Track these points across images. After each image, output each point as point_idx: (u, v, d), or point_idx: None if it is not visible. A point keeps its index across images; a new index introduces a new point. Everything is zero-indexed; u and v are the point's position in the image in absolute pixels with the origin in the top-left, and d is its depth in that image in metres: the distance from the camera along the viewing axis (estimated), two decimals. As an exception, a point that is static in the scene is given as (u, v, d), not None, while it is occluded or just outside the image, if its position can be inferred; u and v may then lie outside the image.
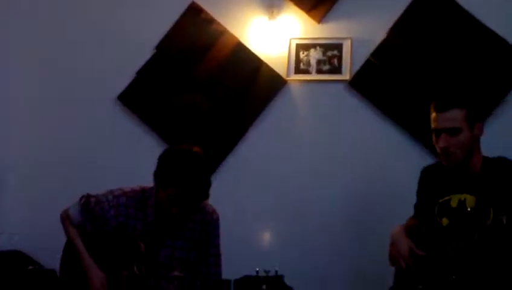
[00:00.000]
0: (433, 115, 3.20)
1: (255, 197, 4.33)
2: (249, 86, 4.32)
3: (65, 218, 3.43)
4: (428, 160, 4.10)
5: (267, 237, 4.31)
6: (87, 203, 3.37)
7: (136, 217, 3.34)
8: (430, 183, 3.35)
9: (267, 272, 3.07)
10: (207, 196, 3.27)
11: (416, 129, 4.11)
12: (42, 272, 3.59)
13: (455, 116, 3.12)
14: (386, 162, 4.22)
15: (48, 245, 3.52)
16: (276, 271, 3.07)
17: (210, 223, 3.44)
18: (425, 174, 3.41)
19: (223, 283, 3.16)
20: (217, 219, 3.47)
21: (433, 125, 3.20)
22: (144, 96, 4.36)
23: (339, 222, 4.25)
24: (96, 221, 3.33)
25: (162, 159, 3.30)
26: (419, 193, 3.42)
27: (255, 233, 4.31)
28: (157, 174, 3.27)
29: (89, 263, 3.31)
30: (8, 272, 3.63)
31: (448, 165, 3.21)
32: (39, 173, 4.31)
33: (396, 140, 4.20)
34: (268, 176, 4.32)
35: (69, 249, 3.43)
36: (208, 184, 3.25)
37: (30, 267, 3.67)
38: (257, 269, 3.09)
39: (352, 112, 4.26)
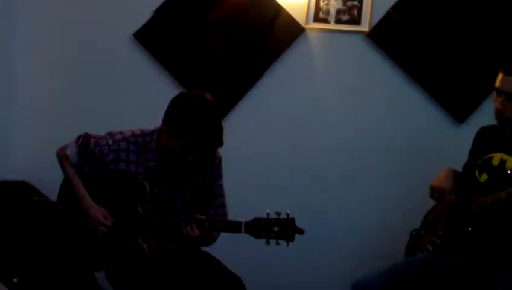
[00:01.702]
0: (500, 75, 3.09)
1: (265, 143, 4.25)
2: (266, 32, 4.19)
3: (62, 157, 3.32)
4: (442, 117, 4.03)
5: (272, 182, 4.23)
6: (86, 143, 3.25)
7: (138, 162, 3.22)
8: (480, 142, 3.30)
9: (278, 214, 3.01)
10: (222, 143, 3.14)
11: (432, 86, 4.06)
12: (47, 204, 3.53)
13: None
14: (400, 118, 4.14)
15: (54, 177, 3.43)
16: (288, 213, 3.01)
17: (213, 165, 3.33)
18: (479, 134, 3.35)
19: (233, 225, 3.07)
20: (220, 160, 3.35)
21: (496, 84, 3.10)
22: (160, 36, 4.23)
23: (351, 170, 4.20)
24: (95, 163, 3.23)
25: (175, 106, 3.12)
26: (471, 151, 3.35)
27: (263, 178, 4.23)
28: (170, 122, 3.11)
29: (89, 202, 3.22)
30: (13, 202, 3.58)
31: (500, 125, 3.13)
32: (51, 107, 4.22)
33: (411, 96, 4.11)
34: (280, 124, 4.24)
35: (67, 186, 3.35)
36: (221, 130, 3.12)
37: (35, 198, 3.61)
38: (268, 211, 3.03)
39: (368, 65, 4.16)
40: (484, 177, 3.13)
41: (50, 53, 4.24)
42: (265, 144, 4.25)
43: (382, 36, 4.14)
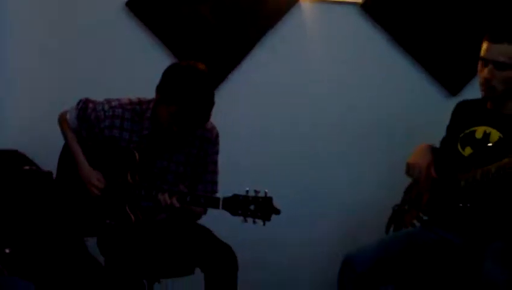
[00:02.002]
0: (485, 44, 3.06)
1: (256, 116, 4.22)
2: (259, 2, 4.12)
3: (63, 121, 3.35)
4: (436, 90, 4.02)
5: (262, 157, 4.21)
6: (85, 108, 3.26)
7: (132, 130, 3.22)
8: (460, 116, 3.28)
9: (256, 192, 2.99)
10: (208, 118, 3.12)
11: (425, 58, 4.06)
12: (38, 173, 3.50)
13: (506, 50, 3.00)
14: (394, 91, 4.13)
15: (45, 147, 3.42)
16: (266, 192, 2.99)
17: (210, 140, 3.32)
18: (458, 108, 3.34)
19: (212, 200, 3.07)
20: (217, 136, 3.34)
21: (482, 54, 3.08)
22: (152, 5, 4.16)
23: (340, 143, 4.20)
24: (91, 128, 3.24)
25: (167, 74, 3.13)
26: (449, 126, 3.35)
27: (250, 152, 4.20)
28: (160, 89, 3.12)
29: (84, 165, 3.24)
30: (4, 171, 3.55)
31: (485, 97, 3.12)
32: (42, 75, 4.17)
33: (405, 68, 4.11)
34: (272, 96, 4.20)
35: (67, 151, 3.35)
36: (211, 105, 3.09)
37: (26, 167, 3.58)
38: (247, 189, 3.01)
39: (362, 36, 4.15)
40: (468, 150, 3.12)
41: (41, 22, 4.18)
42: (257, 116, 4.22)
43: (376, 8, 4.11)
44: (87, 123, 3.25)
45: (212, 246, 3.17)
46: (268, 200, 2.99)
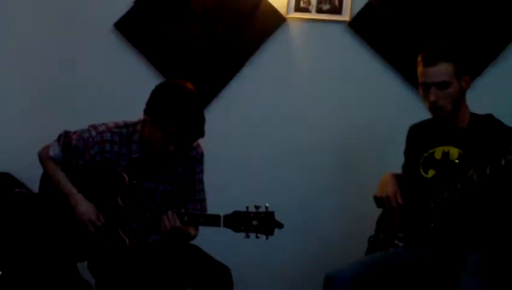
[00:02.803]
0: (421, 69, 3.13)
1: (246, 134, 4.21)
2: (247, 21, 4.13)
3: (44, 157, 3.29)
4: (425, 107, 4.02)
5: (258, 173, 4.20)
6: (68, 141, 3.22)
7: (120, 153, 3.20)
8: (416, 140, 3.30)
9: (257, 207, 2.99)
10: (203, 133, 3.13)
11: (412, 74, 4.02)
12: (27, 195, 3.49)
13: (444, 70, 3.06)
14: (382, 106, 4.12)
15: (36, 169, 3.39)
16: (267, 207, 2.99)
17: (195, 158, 3.31)
18: (412, 132, 3.36)
19: (213, 218, 3.04)
20: (202, 154, 3.33)
21: (421, 79, 3.14)
22: (141, 26, 4.16)
23: (331, 160, 4.18)
24: (80, 157, 3.20)
25: (157, 95, 3.13)
26: (406, 151, 3.37)
27: (244, 169, 4.20)
28: (152, 111, 3.10)
29: (78, 198, 3.18)
30: (-6, 193, 3.55)
31: (437, 118, 3.14)
32: (32, 97, 4.17)
33: (393, 85, 4.10)
34: (261, 114, 4.20)
35: (47, 179, 3.31)
36: (204, 120, 3.11)
37: (16, 189, 3.57)
38: (247, 205, 3.00)
39: (350, 54, 4.13)
40: (431, 172, 3.14)
41: (30, 42, 4.18)
42: (246, 134, 4.21)
43: (363, 26, 4.10)
44: (75, 153, 3.21)
45: (205, 266, 3.14)
46: (270, 215, 2.98)
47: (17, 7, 4.23)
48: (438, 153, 3.13)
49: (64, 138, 3.25)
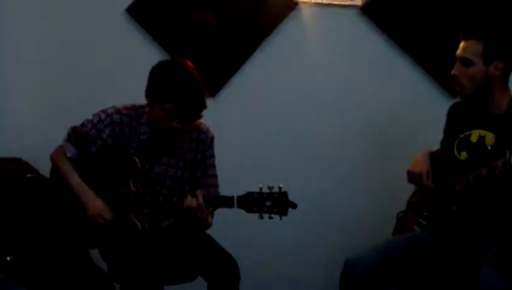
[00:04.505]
0: (460, 42, 3.10)
1: (257, 119, 4.17)
2: (259, 6, 4.07)
3: (58, 160, 3.27)
4: (437, 92, 3.98)
5: (263, 160, 4.17)
6: (79, 135, 3.21)
7: (130, 135, 3.18)
8: (454, 119, 3.26)
9: (270, 188, 2.96)
10: (205, 105, 3.10)
11: (426, 60, 4.01)
12: (41, 181, 3.48)
13: (471, 47, 3.03)
14: (394, 93, 4.10)
15: (48, 154, 3.38)
16: (280, 187, 2.96)
17: (205, 142, 3.27)
18: (452, 110, 3.31)
19: (226, 200, 3.00)
20: (212, 138, 3.30)
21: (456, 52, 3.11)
22: (153, 11, 4.11)
23: (342, 146, 4.17)
24: (93, 143, 3.18)
25: (153, 74, 3.12)
26: (445, 129, 3.32)
27: (255, 156, 4.16)
28: (151, 91, 3.09)
29: (88, 195, 3.17)
30: (7, 178, 3.52)
31: (459, 96, 3.13)
32: (44, 83, 4.13)
33: (405, 70, 4.07)
34: (272, 100, 4.16)
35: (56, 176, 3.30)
36: (204, 92, 3.08)
37: (29, 175, 3.56)
38: (260, 185, 2.98)
39: (362, 39, 4.11)
40: (464, 155, 3.10)
41: (41, 29, 4.14)
42: (258, 120, 4.17)
43: (375, 10, 4.07)
44: (89, 142, 3.20)
45: (215, 256, 3.12)
46: (283, 195, 2.96)
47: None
48: (474, 136, 3.09)
49: (74, 134, 3.23)
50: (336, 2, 4.07)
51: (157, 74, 3.11)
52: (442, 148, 3.29)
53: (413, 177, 3.16)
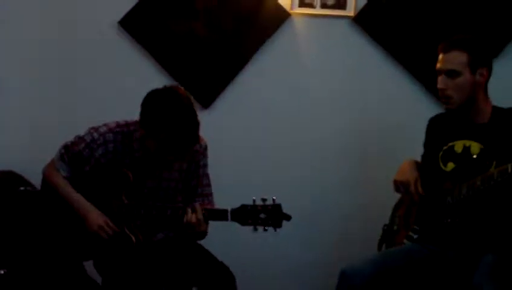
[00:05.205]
0: (439, 56, 3.08)
1: (252, 130, 4.15)
2: (251, 17, 4.06)
3: (49, 176, 3.25)
4: (428, 101, 3.98)
5: (262, 171, 4.15)
6: (71, 154, 3.18)
7: (124, 152, 3.15)
8: (436, 131, 3.24)
9: (264, 200, 2.96)
10: (197, 138, 3.06)
11: (418, 70, 4.01)
12: (33, 193, 3.45)
13: (455, 58, 3.01)
14: (387, 101, 4.08)
15: (41, 166, 3.36)
16: (274, 200, 2.96)
17: (198, 152, 3.26)
18: (432, 123, 3.30)
19: (220, 213, 3.00)
20: (206, 147, 3.28)
21: (437, 66, 3.09)
22: (145, 23, 4.11)
23: (337, 155, 4.15)
24: (87, 162, 3.15)
25: (146, 105, 3.04)
26: (425, 142, 3.31)
27: (248, 167, 4.15)
28: (144, 123, 3.03)
29: (87, 207, 3.14)
30: (0, 191, 3.51)
31: (447, 109, 3.10)
32: (37, 97, 4.13)
33: (398, 80, 4.06)
34: (267, 110, 4.14)
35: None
36: (198, 124, 3.01)
37: (22, 188, 3.53)
38: (254, 197, 2.97)
39: (355, 49, 4.08)
40: (451, 165, 3.09)
41: (32, 40, 4.14)
42: (252, 131, 4.15)
43: (368, 20, 4.05)
44: (81, 160, 3.17)
45: (210, 267, 3.11)
46: (277, 207, 2.97)
47: (19, 4, 4.18)
48: (459, 146, 3.08)
49: (67, 153, 3.20)
50: (329, 13, 4.05)
51: (150, 105, 3.03)
52: (424, 162, 3.27)
53: (400, 185, 3.15)
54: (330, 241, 4.17)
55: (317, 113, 4.14)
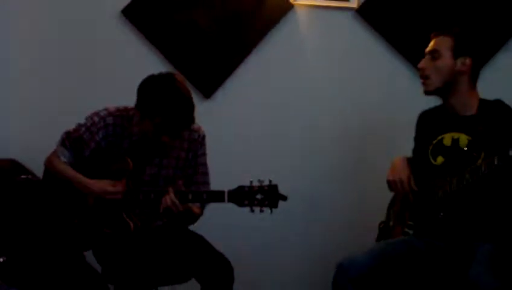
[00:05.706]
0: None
1: (253, 120, 4.15)
2: (254, 8, 4.06)
3: (52, 164, 3.25)
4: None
5: (264, 158, 4.14)
6: (74, 139, 3.19)
7: (123, 135, 3.17)
8: (425, 126, 3.25)
9: (261, 181, 2.96)
10: (193, 120, 3.09)
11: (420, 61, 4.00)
12: (34, 182, 3.45)
13: (441, 41, 3.07)
14: (389, 93, 4.09)
15: (43, 156, 3.35)
16: (270, 181, 2.96)
17: (197, 141, 3.27)
18: (421, 118, 3.30)
19: (217, 194, 3.01)
20: (204, 136, 3.29)
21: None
22: (148, 12, 4.10)
23: (338, 145, 4.15)
24: (87, 146, 3.17)
25: (142, 89, 3.09)
26: (416, 137, 3.31)
27: (248, 157, 4.13)
28: (140, 106, 3.08)
29: (89, 182, 3.14)
30: (1, 180, 3.50)
31: (425, 92, 3.12)
32: (38, 84, 4.13)
33: (400, 71, 4.07)
34: (268, 101, 4.14)
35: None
36: (193, 106, 3.05)
37: (23, 176, 3.54)
38: (251, 179, 2.97)
39: (357, 41, 4.09)
40: (440, 159, 3.08)
41: (38, 30, 4.13)
42: (253, 121, 4.15)
43: (371, 12, 4.06)
44: (81, 144, 3.18)
45: (208, 258, 3.10)
46: (274, 187, 2.97)
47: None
48: (447, 139, 3.08)
49: (68, 138, 3.22)
50: (332, 4, 4.05)
51: (146, 89, 3.08)
52: (415, 157, 3.27)
53: (394, 184, 3.14)
54: (329, 231, 4.16)
55: (318, 104, 4.14)
